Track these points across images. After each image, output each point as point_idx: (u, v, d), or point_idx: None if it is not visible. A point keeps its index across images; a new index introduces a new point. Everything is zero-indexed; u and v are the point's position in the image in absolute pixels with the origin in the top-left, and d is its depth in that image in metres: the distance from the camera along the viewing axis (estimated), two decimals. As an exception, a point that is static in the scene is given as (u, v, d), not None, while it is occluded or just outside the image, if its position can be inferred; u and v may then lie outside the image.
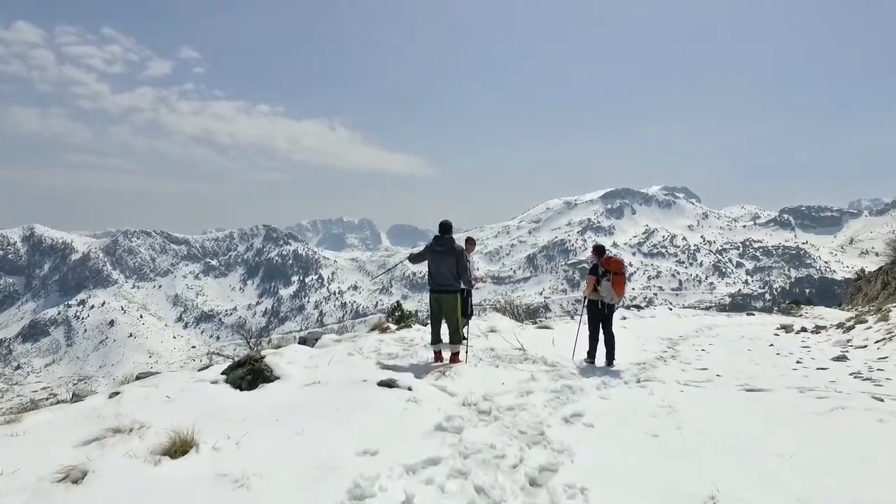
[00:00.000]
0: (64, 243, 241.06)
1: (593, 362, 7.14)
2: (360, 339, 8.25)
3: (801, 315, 18.55)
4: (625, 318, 13.78)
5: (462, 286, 6.72)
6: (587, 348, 7.28)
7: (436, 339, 6.75)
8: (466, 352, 6.88)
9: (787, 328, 12.74)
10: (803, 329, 12.51)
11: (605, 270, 7.08)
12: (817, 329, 12.35)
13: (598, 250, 7.47)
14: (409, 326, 9.74)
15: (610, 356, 7.13)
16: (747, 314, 17.12)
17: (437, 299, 6.70)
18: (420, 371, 5.99)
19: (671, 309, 17.10)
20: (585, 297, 7.46)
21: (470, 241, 8.42)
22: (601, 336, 7.28)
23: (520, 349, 7.69)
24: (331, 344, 7.79)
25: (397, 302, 13.34)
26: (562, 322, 12.73)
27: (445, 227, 6.73)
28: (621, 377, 6.25)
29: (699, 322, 14.42)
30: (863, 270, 31.10)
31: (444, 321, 6.74)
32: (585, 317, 7.55)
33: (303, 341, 8.70)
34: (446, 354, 6.76)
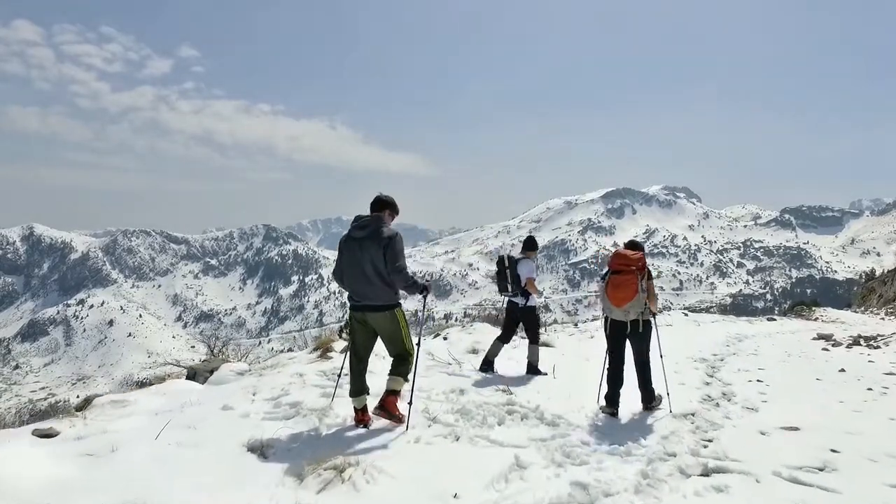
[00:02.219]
0: (63, 242, 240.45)
1: (615, 412, 4.89)
2: (274, 370, 6.18)
3: (816, 318, 17.92)
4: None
5: (399, 295, 4.23)
6: (605, 390, 5.11)
7: (358, 389, 4.26)
8: (410, 403, 4.23)
9: (826, 338, 11.15)
10: (856, 342, 10.45)
11: (609, 270, 5.12)
12: (869, 341, 10.55)
13: (629, 245, 5.38)
14: None
15: (645, 399, 5.09)
16: (767, 319, 16.22)
17: (361, 321, 4.24)
18: (308, 448, 3.63)
19: (686, 314, 15.88)
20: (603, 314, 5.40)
21: (531, 244, 6.71)
22: (631, 368, 5.16)
23: (504, 390, 5.38)
24: (230, 379, 5.81)
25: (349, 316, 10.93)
26: (565, 335, 10.86)
27: (376, 203, 4.28)
28: (673, 457, 3.81)
29: (725, 331, 12.36)
30: (873, 271, 30.45)
31: (370, 356, 4.47)
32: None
33: (192, 375, 6.70)
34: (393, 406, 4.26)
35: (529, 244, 6.67)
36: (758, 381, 6.77)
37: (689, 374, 7.04)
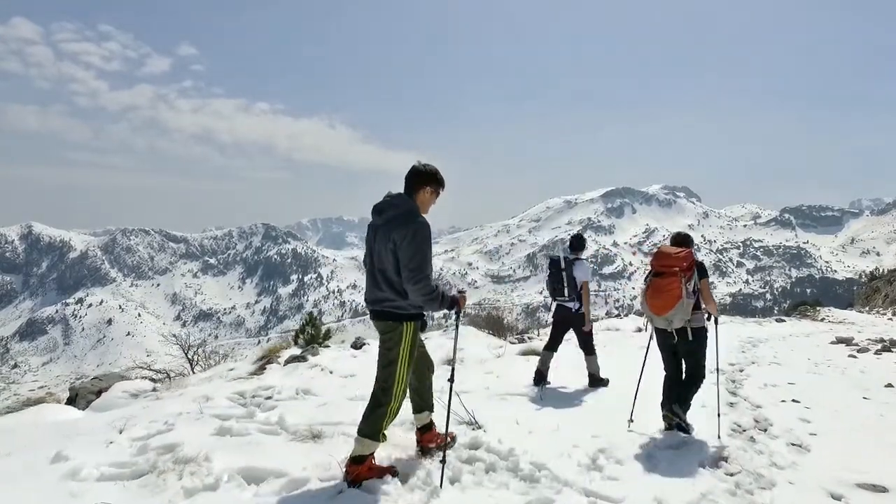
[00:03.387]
0: (62, 241, 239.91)
1: (689, 427, 4.20)
2: (176, 391, 5.29)
3: (822, 318, 17.67)
4: (640, 330, 11.05)
5: (413, 305, 3.12)
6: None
7: (414, 406, 3.56)
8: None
9: (847, 342, 10.42)
10: (886, 348, 9.59)
11: (650, 271, 4.46)
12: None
13: (674, 240, 4.64)
14: (315, 350, 7.30)
15: (672, 402, 4.28)
16: (776, 320, 15.83)
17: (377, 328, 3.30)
18: None
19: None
20: (646, 322, 4.84)
21: (581, 243, 6.01)
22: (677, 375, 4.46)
23: (470, 424, 4.17)
24: (119, 404, 5.03)
25: (310, 314, 8.88)
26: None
27: (409, 176, 3.20)
28: None
29: (736, 335, 11.51)
30: (877, 270, 30.24)
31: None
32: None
33: (73, 398, 5.67)
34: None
35: (579, 243, 5.99)
36: (793, 401, 5.56)
37: (707, 390, 5.29)
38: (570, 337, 6.08)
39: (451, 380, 3.41)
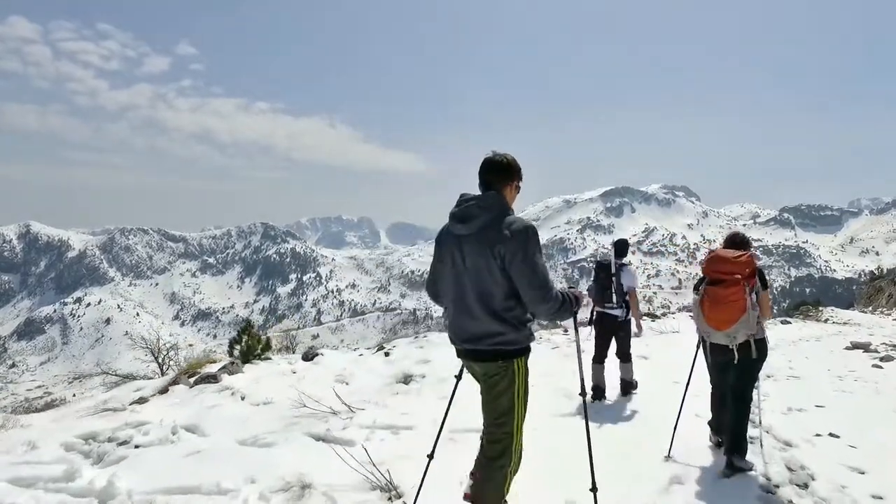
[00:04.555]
0: (60, 241, 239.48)
1: (722, 442, 3.79)
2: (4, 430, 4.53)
3: (826, 319, 17.45)
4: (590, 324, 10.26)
5: (528, 334, 2.46)
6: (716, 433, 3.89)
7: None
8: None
9: (864, 347, 9.70)
10: None
11: (703, 277, 3.82)
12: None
13: (729, 242, 3.94)
14: (237, 367, 6.47)
15: (731, 448, 3.61)
16: (781, 322, 15.46)
17: (471, 372, 2.60)
18: None
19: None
20: (700, 337, 4.02)
21: (625, 248, 5.62)
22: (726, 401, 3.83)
23: (389, 491, 3.19)
24: None
25: (246, 321, 7.85)
26: (548, 347, 8.84)
27: (491, 169, 2.47)
28: None
29: None
30: (880, 269, 29.99)
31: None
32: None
33: None
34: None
35: (623, 248, 5.65)
36: (831, 435, 4.33)
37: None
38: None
39: (586, 406, 2.79)
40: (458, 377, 2.92)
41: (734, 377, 3.72)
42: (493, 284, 2.31)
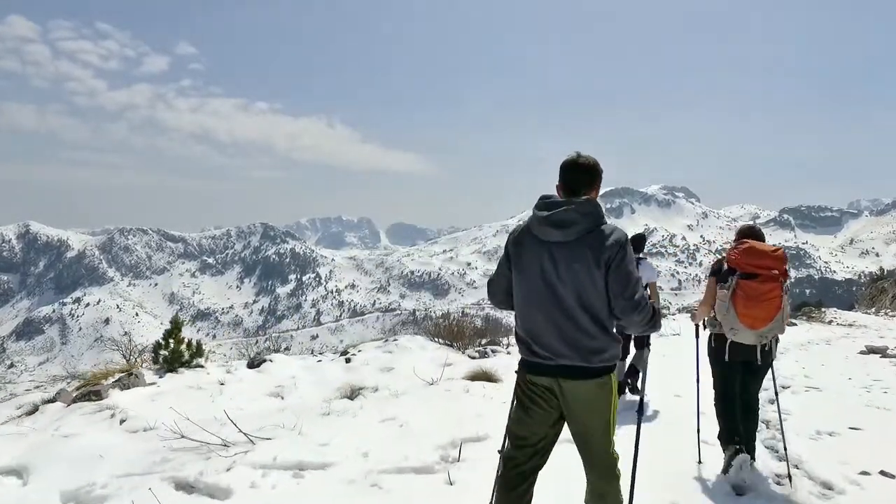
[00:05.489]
0: (59, 241, 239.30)
1: (741, 449, 3.25)
2: None
3: (830, 321, 17.29)
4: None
5: (619, 349, 2.25)
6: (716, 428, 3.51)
7: None
8: None
9: (881, 352, 9.09)
10: None
11: (731, 269, 3.42)
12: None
13: (741, 235, 3.62)
14: (136, 379, 5.63)
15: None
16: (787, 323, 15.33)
17: (547, 393, 2.24)
18: None
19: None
20: (700, 326, 3.84)
21: (642, 243, 5.71)
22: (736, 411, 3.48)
23: None
24: None
25: (174, 321, 6.92)
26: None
27: (583, 172, 2.30)
28: None
29: None
30: (882, 270, 29.85)
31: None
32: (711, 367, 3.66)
33: None
34: None
35: (641, 243, 5.66)
36: (883, 473, 3.40)
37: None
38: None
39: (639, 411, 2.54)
40: (502, 451, 2.39)
41: (750, 381, 3.48)
42: (595, 296, 2.16)
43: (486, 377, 6.04)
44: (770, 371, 3.56)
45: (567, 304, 2.16)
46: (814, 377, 6.93)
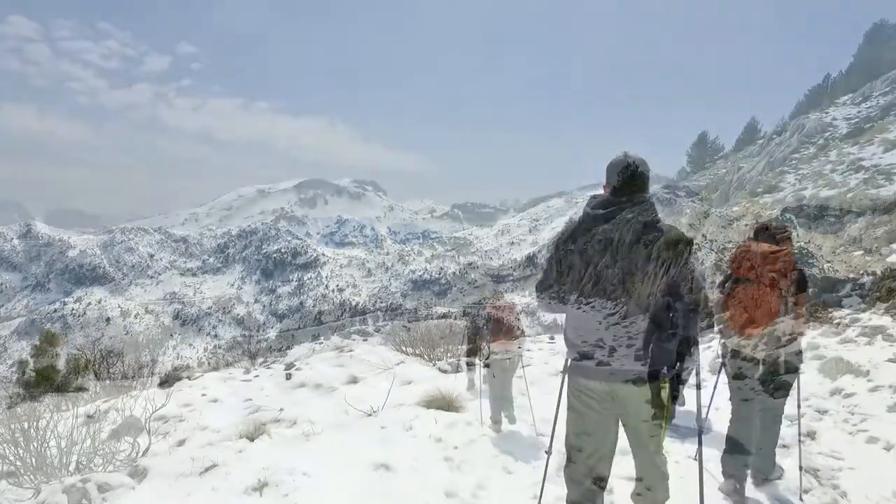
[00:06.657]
0: (60, 240, 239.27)
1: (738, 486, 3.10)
2: None
3: (837, 322, 17.01)
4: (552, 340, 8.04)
5: (666, 362, 2.12)
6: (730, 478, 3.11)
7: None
8: None
9: None
10: None
11: (733, 274, 3.24)
12: None
13: (757, 233, 3.33)
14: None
15: (761, 467, 3.22)
16: None
17: (603, 397, 2.21)
18: None
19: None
20: (721, 344, 3.38)
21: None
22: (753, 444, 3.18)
23: None
24: None
25: (47, 332, 4.85)
26: (541, 354, 7.13)
27: (636, 173, 2.28)
28: None
29: None
30: (886, 269, 29.63)
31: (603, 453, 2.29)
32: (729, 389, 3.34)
33: None
34: None
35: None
36: None
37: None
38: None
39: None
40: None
41: (767, 402, 3.18)
42: (652, 294, 2.11)
43: (444, 403, 4.92)
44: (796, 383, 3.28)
45: (629, 306, 2.10)
46: (851, 395, 5.27)
